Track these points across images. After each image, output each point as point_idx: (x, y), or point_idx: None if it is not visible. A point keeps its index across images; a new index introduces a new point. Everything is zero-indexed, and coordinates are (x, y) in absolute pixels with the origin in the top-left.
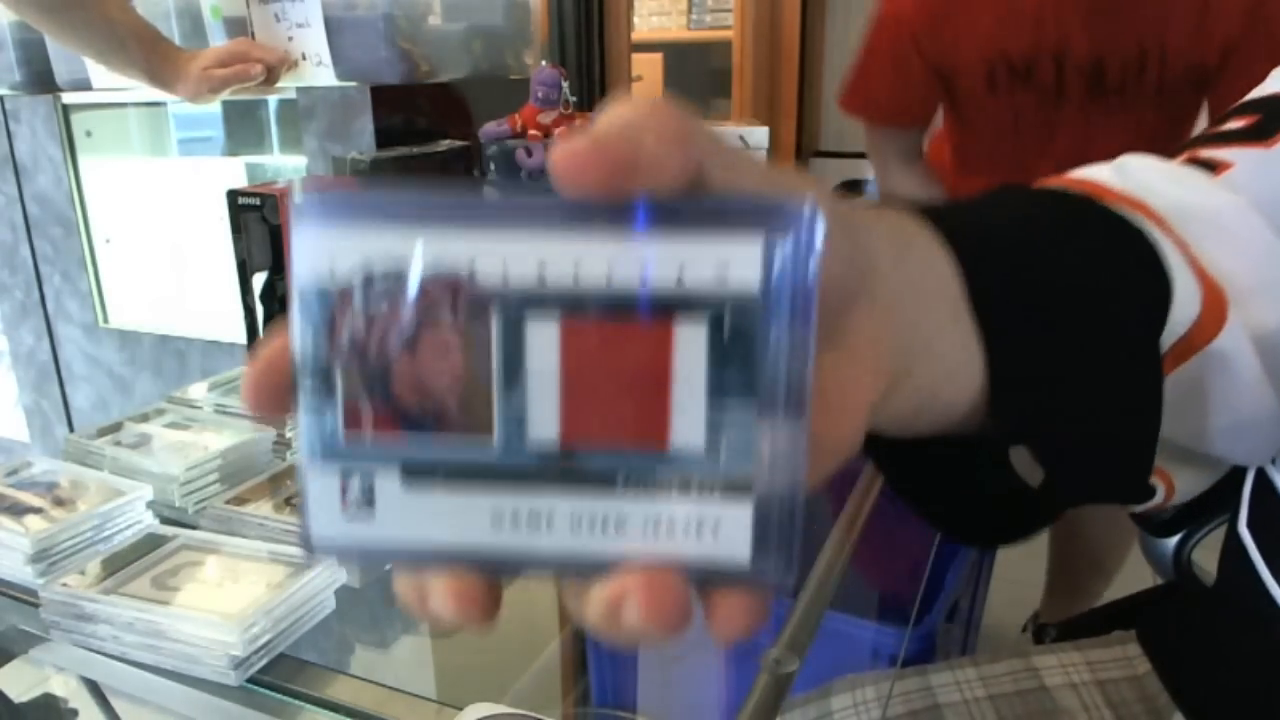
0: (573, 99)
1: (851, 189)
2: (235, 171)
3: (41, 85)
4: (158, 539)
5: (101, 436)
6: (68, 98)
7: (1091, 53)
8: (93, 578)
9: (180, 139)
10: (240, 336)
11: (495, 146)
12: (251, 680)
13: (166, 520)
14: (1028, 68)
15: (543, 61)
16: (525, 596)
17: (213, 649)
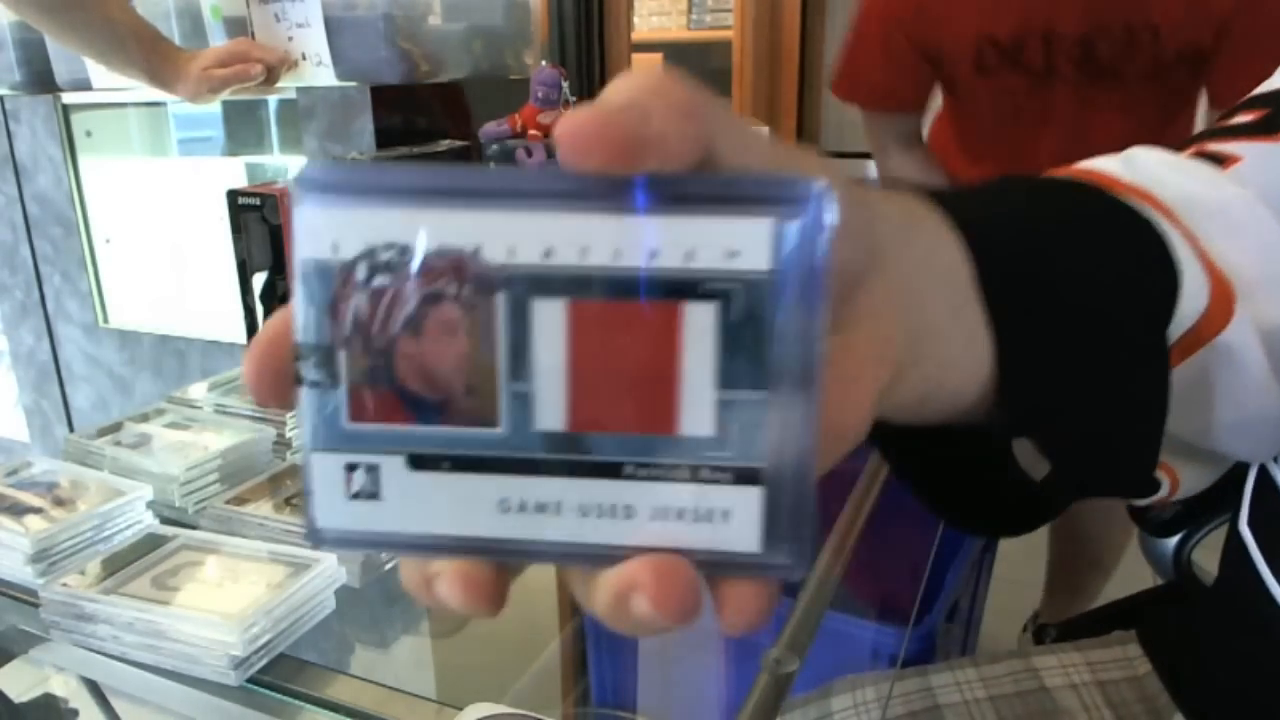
0: (573, 99)
1: None
2: (235, 171)
3: (41, 85)
4: (158, 539)
5: (101, 436)
6: (68, 98)
7: (1080, 32)
8: (93, 578)
9: (180, 139)
10: (240, 336)
11: (495, 146)
12: (251, 680)
13: (166, 520)
14: (1016, 48)
15: (543, 61)
16: (525, 596)
17: (213, 649)
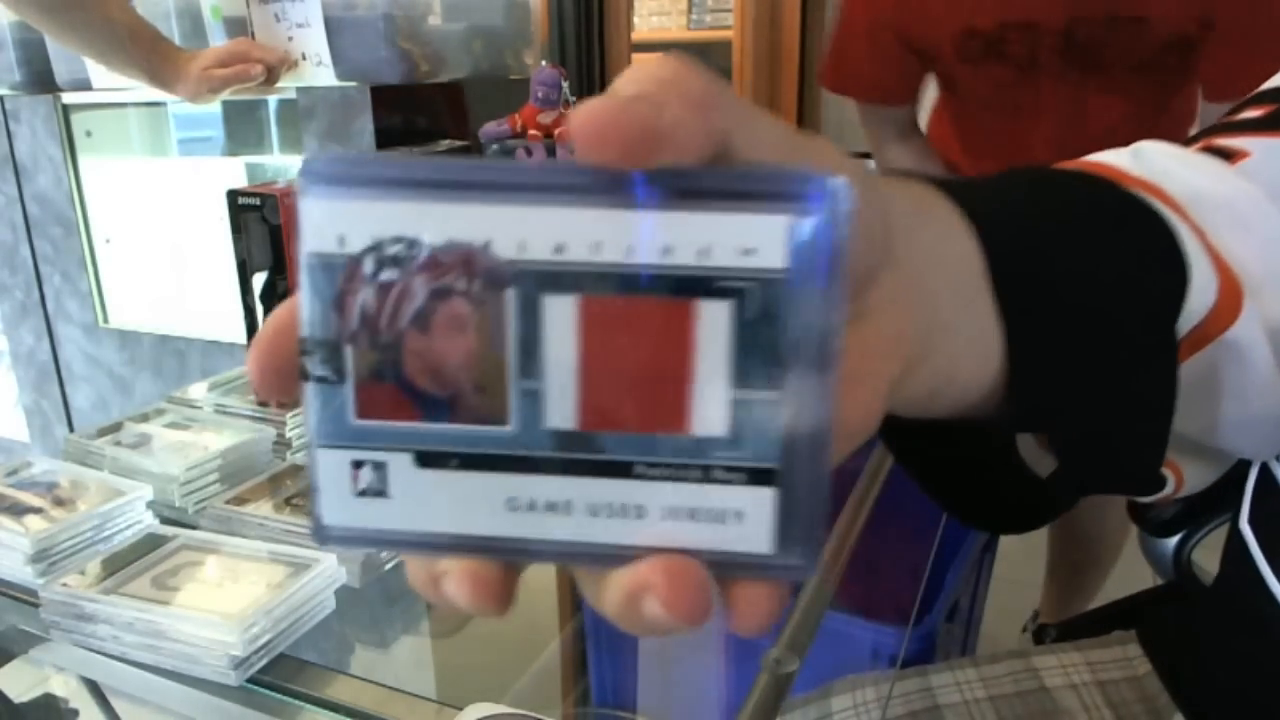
0: (573, 99)
1: None
2: (235, 171)
3: (41, 85)
4: (158, 539)
5: (101, 436)
6: (68, 98)
7: (1062, 23)
8: (93, 578)
9: (180, 139)
10: (240, 336)
11: (495, 146)
12: (251, 680)
13: (166, 520)
14: (998, 39)
15: (543, 61)
16: (525, 596)
17: (213, 649)
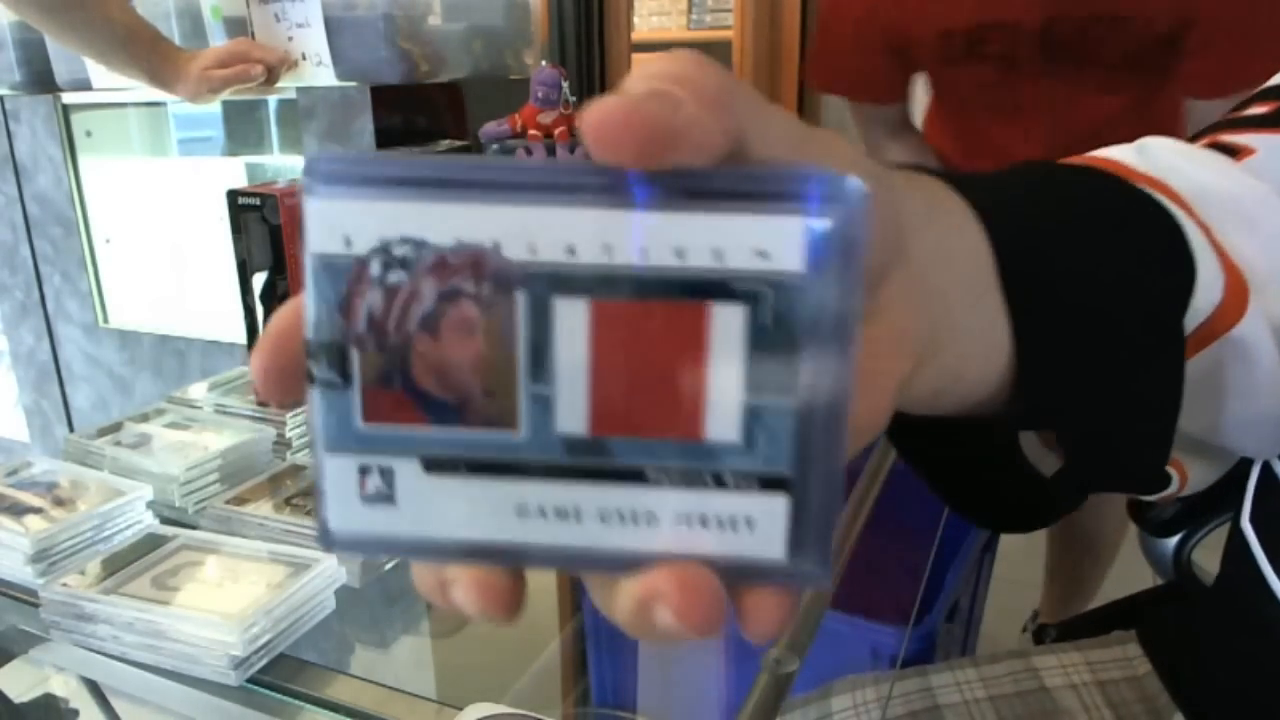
0: (573, 99)
1: None
2: (235, 171)
3: (41, 85)
4: (158, 539)
5: (101, 436)
6: (68, 98)
7: (1039, 23)
8: (93, 578)
9: (180, 139)
10: (240, 336)
11: (495, 146)
12: (251, 680)
13: (166, 520)
14: (977, 40)
15: (543, 61)
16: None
17: (213, 649)
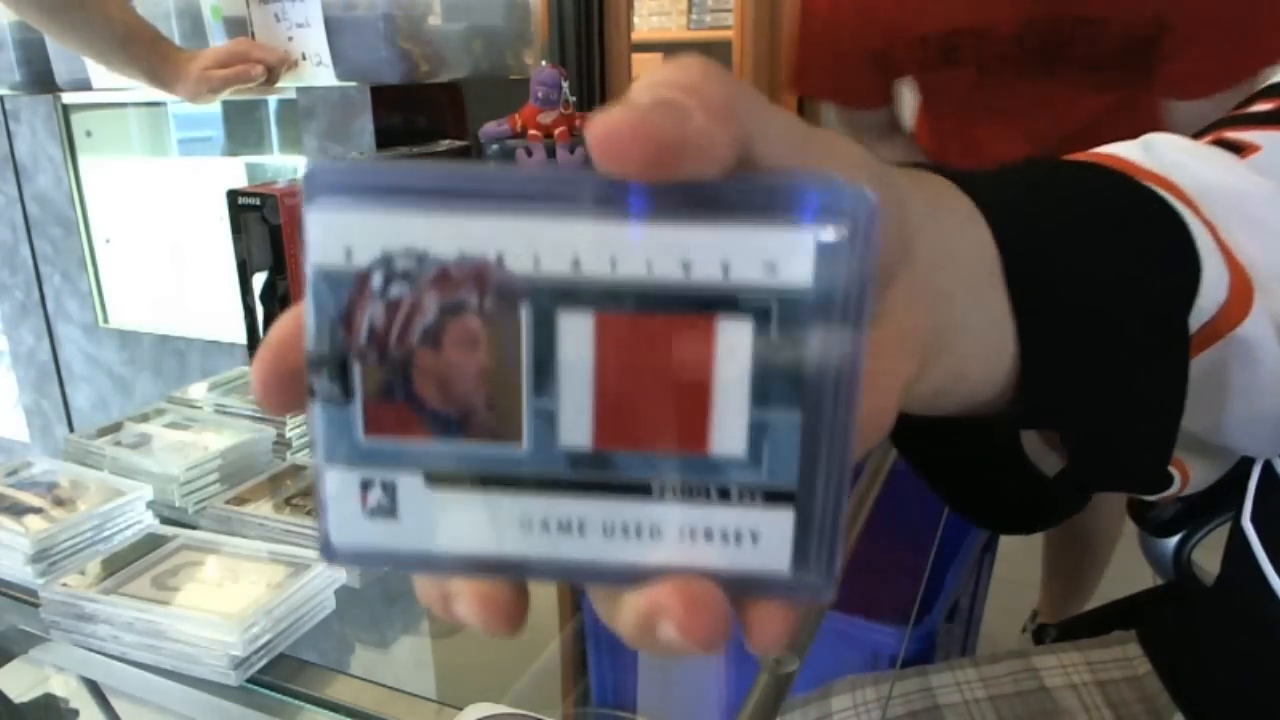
0: (573, 99)
1: None
2: (235, 171)
3: (41, 85)
4: (158, 539)
5: (101, 436)
6: (68, 98)
7: (1011, 28)
8: (93, 578)
9: (180, 139)
10: (240, 336)
11: (495, 146)
12: (251, 680)
13: (166, 520)
14: (953, 46)
15: (543, 61)
16: None
17: (213, 649)
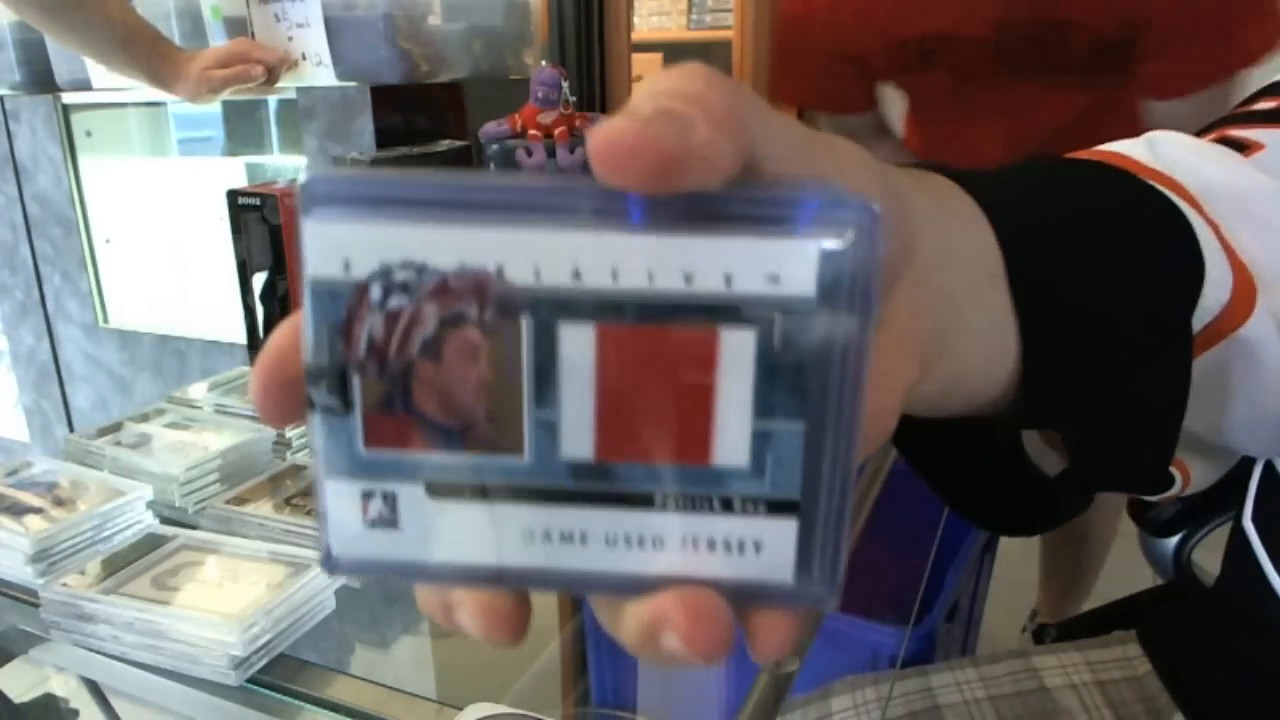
0: (573, 99)
1: None
2: (235, 171)
3: (41, 85)
4: (158, 539)
5: (101, 436)
6: (68, 98)
7: (985, 31)
8: (93, 578)
9: (180, 139)
10: (240, 336)
11: (495, 146)
12: (251, 680)
13: (166, 520)
14: (929, 50)
15: (543, 61)
16: None
17: (213, 649)
